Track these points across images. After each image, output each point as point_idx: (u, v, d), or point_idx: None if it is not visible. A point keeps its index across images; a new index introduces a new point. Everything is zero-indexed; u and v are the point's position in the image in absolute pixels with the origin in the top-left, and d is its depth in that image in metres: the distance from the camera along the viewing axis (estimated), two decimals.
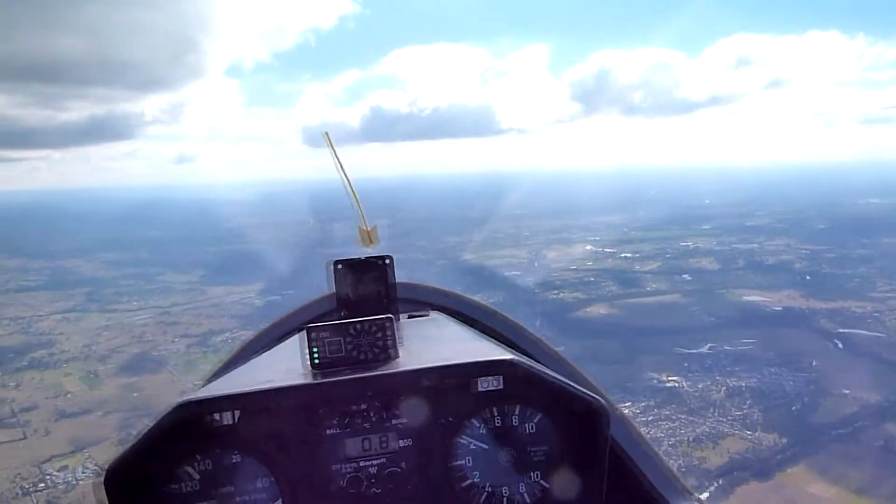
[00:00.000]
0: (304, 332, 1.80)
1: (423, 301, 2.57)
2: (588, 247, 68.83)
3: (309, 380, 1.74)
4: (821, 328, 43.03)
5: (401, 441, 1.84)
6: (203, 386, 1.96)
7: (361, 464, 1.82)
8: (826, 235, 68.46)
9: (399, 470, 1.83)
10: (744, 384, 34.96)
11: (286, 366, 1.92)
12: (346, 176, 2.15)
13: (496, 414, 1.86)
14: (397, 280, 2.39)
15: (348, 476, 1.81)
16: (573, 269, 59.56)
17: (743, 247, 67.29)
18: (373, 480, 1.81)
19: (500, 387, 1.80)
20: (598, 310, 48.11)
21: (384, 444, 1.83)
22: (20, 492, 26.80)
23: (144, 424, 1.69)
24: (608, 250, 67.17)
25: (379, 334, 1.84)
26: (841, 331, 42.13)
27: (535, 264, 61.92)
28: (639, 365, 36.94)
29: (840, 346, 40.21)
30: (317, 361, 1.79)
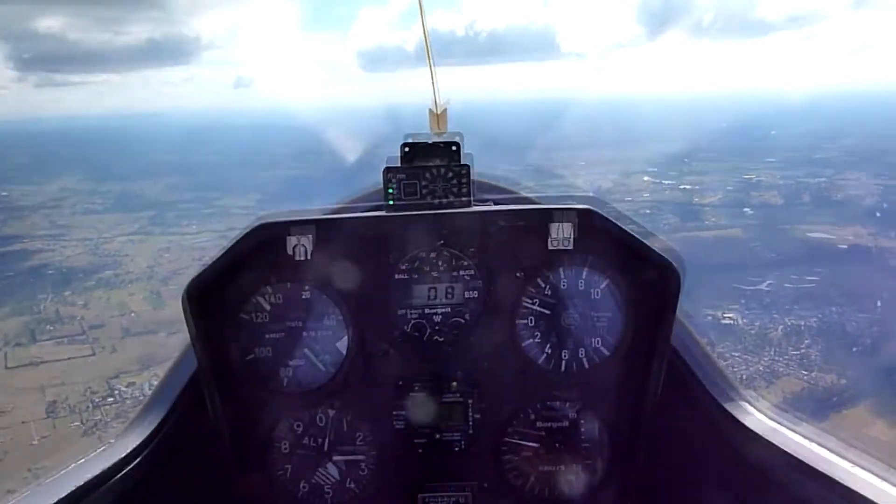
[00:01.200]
0: (383, 171, 1.90)
1: (485, 197, 2.49)
2: (646, 178, 66.77)
3: (383, 214, 1.83)
4: (889, 267, 41.17)
5: (467, 292, 1.88)
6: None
7: (426, 311, 1.88)
8: None
9: (462, 321, 1.89)
10: (803, 323, 33.99)
11: (362, 206, 2.00)
12: (428, 45, 2.16)
13: (563, 276, 1.90)
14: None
15: (413, 321, 1.89)
16: (629, 201, 58.09)
17: (810, 181, 64.00)
18: (436, 328, 1.89)
19: (571, 246, 1.83)
20: (653, 243, 46.89)
21: (450, 295, 1.89)
22: (90, 405, 28.58)
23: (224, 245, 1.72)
24: (667, 182, 65.03)
25: (455, 181, 1.89)
26: None
27: (590, 195, 60.57)
28: (694, 300, 35.76)
29: None
30: (391, 203, 1.87)
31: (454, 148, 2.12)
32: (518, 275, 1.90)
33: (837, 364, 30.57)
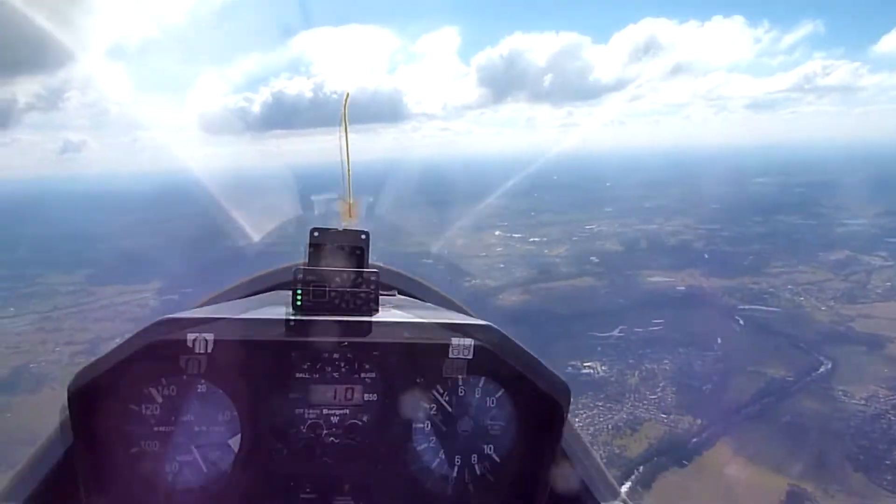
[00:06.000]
0: (294, 273, 1.85)
1: (390, 283, 2.51)
2: (497, 233, 69.30)
3: (289, 317, 1.78)
4: (722, 306, 44.86)
5: (366, 395, 1.86)
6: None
7: (324, 412, 1.86)
8: (720, 215, 72.07)
9: (360, 423, 1.87)
10: (656, 367, 35.81)
11: (268, 306, 1.96)
12: (346, 146, 2.08)
13: (461, 384, 1.90)
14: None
15: (309, 422, 1.84)
16: (483, 256, 59.69)
17: (644, 228, 69.76)
18: (333, 429, 1.85)
19: (470, 356, 1.84)
20: (511, 297, 48.24)
21: (349, 396, 1.86)
22: None
23: (121, 339, 1.70)
24: (517, 235, 67.87)
25: (364, 287, 1.87)
26: (741, 307, 44.23)
27: (445, 252, 61.54)
28: (554, 352, 36.98)
29: (741, 322, 42.07)
30: (299, 304, 1.81)
31: (363, 237, 2.11)
32: (418, 380, 1.87)
33: (692, 404, 32.10)
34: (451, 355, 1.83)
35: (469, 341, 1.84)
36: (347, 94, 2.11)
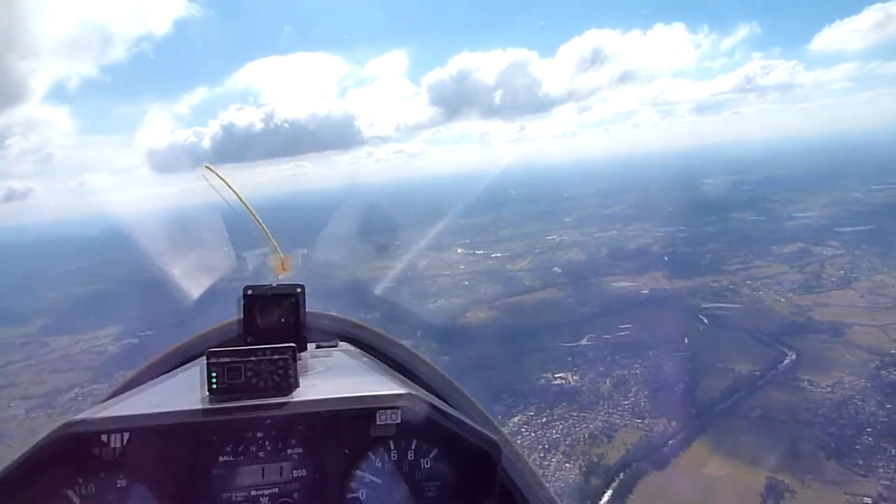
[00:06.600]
0: (206, 355, 1.81)
1: (332, 331, 2.56)
2: (459, 250, 69.35)
3: (205, 405, 1.76)
4: (686, 306, 45.47)
5: (295, 471, 1.81)
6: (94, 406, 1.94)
7: (253, 493, 1.79)
8: (675, 217, 73.37)
9: (291, 501, 1.81)
10: (627, 372, 35.94)
11: (183, 391, 1.94)
12: (247, 205, 2.15)
13: (393, 448, 1.86)
14: (308, 309, 2.33)
15: None
16: (447, 275, 59.54)
17: (604, 235, 70.64)
18: None
19: (398, 421, 1.82)
20: (478, 314, 48.07)
21: (277, 474, 1.79)
22: None
23: (28, 444, 1.65)
24: (479, 252, 67.97)
25: (280, 363, 1.84)
26: (704, 306, 44.93)
27: (409, 274, 61.42)
28: (525, 366, 37.02)
29: (706, 321, 42.68)
30: (214, 387, 1.79)
31: (298, 290, 2.18)
32: (346, 451, 1.82)
33: (665, 406, 32.29)
34: (378, 422, 1.81)
35: (394, 411, 1.82)
36: (207, 166, 2.11)
